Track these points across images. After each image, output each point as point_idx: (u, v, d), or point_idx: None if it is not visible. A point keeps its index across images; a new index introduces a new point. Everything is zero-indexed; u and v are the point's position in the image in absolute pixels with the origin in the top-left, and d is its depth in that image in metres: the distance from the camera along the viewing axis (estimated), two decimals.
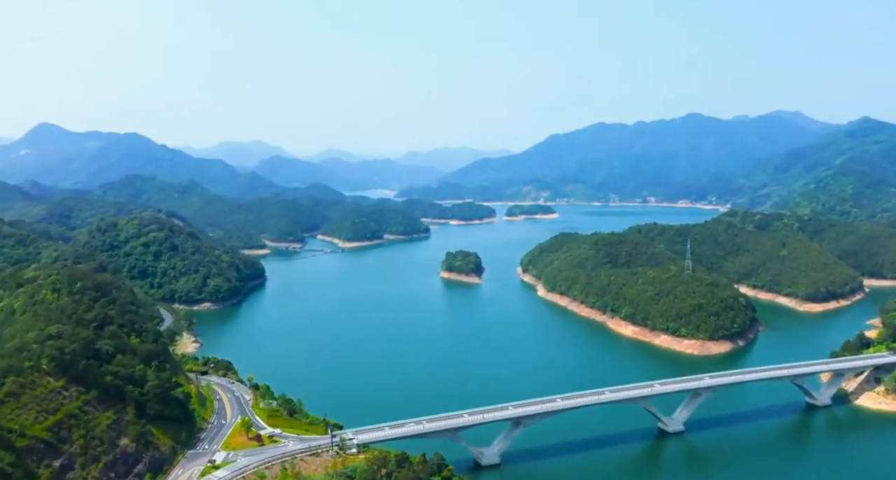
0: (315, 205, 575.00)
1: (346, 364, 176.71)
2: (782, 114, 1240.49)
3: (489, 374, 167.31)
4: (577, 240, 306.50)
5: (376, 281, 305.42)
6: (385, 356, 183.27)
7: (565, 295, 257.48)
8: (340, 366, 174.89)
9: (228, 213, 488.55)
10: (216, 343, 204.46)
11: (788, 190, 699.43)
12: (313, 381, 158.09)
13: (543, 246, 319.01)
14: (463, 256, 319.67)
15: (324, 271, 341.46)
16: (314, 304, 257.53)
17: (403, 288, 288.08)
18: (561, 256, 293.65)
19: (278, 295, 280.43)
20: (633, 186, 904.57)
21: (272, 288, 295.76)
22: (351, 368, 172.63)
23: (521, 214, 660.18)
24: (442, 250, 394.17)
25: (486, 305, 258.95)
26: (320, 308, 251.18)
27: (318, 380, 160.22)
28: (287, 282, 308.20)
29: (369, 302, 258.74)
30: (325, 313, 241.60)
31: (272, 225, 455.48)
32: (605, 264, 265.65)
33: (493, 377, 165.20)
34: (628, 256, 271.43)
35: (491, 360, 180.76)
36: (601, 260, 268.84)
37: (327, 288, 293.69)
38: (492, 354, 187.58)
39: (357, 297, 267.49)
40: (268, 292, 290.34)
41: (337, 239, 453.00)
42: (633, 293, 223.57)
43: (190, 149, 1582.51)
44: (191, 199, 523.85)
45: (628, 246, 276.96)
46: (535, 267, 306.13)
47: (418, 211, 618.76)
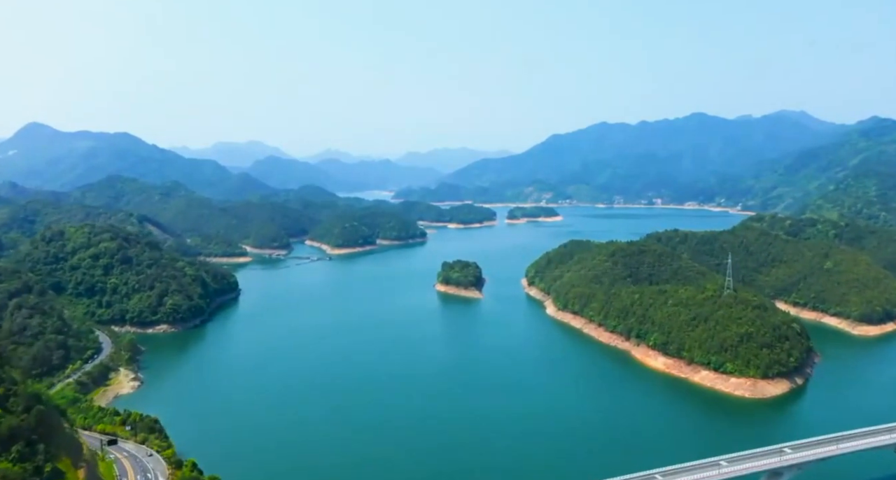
0: (305, 207, 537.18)
1: (315, 424, 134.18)
2: (787, 114, 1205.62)
3: (492, 434, 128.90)
4: (591, 250, 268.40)
5: (363, 296, 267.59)
6: (368, 409, 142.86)
7: (580, 316, 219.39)
8: (309, 426, 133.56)
9: (211, 217, 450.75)
10: (161, 381, 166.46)
11: (802, 191, 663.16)
12: (269, 451, 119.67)
13: (552, 256, 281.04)
14: (461, 267, 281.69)
15: (306, 283, 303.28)
16: (288, 327, 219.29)
17: (393, 306, 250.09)
18: (573, 268, 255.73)
19: (250, 315, 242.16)
20: (638, 187, 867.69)
21: (245, 306, 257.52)
22: (322, 430, 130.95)
23: (523, 217, 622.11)
24: (439, 257, 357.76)
25: (488, 327, 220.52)
26: (295, 332, 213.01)
27: (277, 449, 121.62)
28: (263, 297, 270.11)
29: (352, 325, 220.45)
30: (300, 340, 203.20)
31: (256, 230, 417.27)
32: (625, 279, 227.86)
33: (497, 436, 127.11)
34: (651, 269, 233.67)
35: (495, 409, 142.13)
36: (620, 273, 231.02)
37: (306, 305, 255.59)
38: (497, 398, 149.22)
39: (338, 319, 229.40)
40: (239, 310, 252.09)
41: (325, 245, 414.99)
42: (662, 316, 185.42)
43: (186, 150, 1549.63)
44: (173, 202, 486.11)
45: (650, 258, 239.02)
46: (542, 279, 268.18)
47: (415, 214, 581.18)
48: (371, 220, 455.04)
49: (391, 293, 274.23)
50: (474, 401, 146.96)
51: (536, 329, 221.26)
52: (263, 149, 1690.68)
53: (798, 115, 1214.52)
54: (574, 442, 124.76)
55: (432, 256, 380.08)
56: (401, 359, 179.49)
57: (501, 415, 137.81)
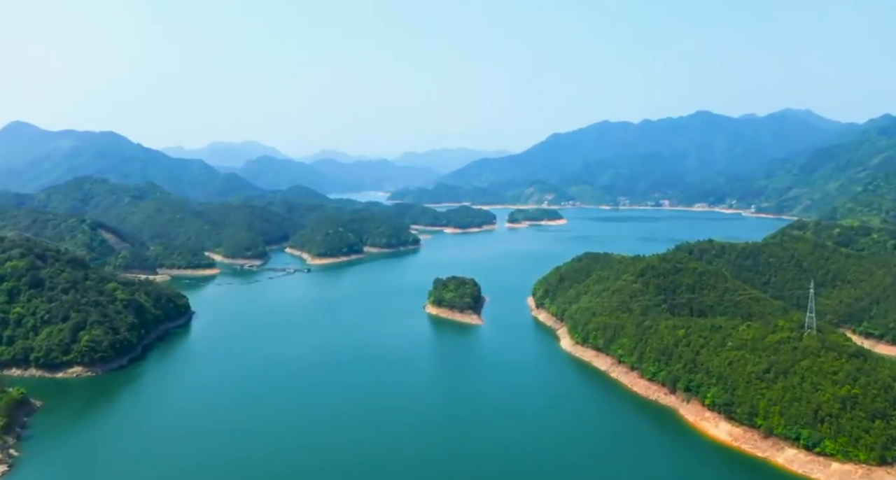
0: (290, 210, 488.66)
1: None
2: (792, 113, 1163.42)
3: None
4: (612, 266, 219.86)
5: (339, 321, 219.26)
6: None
7: (605, 353, 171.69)
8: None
9: (182, 222, 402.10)
10: (50, 455, 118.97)
11: (820, 192, 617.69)
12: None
13: (564, 272, 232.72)
14: (456, 285, 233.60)
15: (275, 302, 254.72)
16: (242, 367, 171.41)
17: (375, 335, 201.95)
18: (591, 288, 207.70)
19: (199, 348, 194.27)
20: (643, 188, 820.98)
21: (197, 334, 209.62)
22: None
23: (525, 220, 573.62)
24: (432, 269, 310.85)
25: (489, 370, 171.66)
26: (249, 375, 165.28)
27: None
28: (221, 322, 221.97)
29: (320, 365, 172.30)
30: (254, 388, 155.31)
31: (229, 237, 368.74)
32: (660, 305, 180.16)
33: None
34: (691, 292, 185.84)
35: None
36: (653, 298, 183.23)
37: (269, 332, 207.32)
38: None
39: (304, 356, 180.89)
40: (188, 341, 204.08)
41: (306, 253, 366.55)
42: (721, 364, 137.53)
43: (180, 150, 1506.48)
44: (143, 205, 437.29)
45: (689, 278, 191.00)
46: (553, 301, 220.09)
47: (408, 217, 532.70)
48: (358, 225, 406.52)
49: (373, 316, 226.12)
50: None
51: (550, 371, 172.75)
52: (259, 148, 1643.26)
53: (804, 114, 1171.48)
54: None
55: (425, 267, 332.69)
56: (380, 430, 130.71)
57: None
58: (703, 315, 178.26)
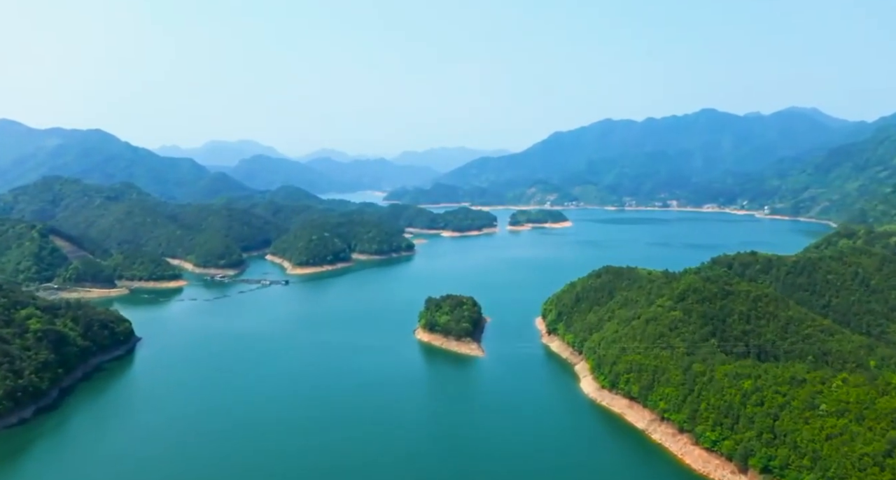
0: (275, 213, 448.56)
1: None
2: (799, 111, 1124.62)
3: None
4: (641, 284, 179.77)
5: (307, 357, 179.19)
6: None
7: (641, 404, 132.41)
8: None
9: (153, 227, 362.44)
10: None
11: (839, 193, 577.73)
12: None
13: (581, 291, 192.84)
14: (452, 305, 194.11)
15: (240, 325, 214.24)
16: (182, 420, 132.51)
17: (353, 371, 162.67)
18: (617, 313, 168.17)
19: (131, 393, 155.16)
20: (649, 188, 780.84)
21: (136, 371, 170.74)
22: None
23: (528, 223, 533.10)
24: (426, 280, 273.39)
25: (493, 421, 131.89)
26: (189, 431, 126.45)
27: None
28: (168, 354, 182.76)
29: (281, 423, 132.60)
30: (194, 453, 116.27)
31: (201, 243, 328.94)
32: (709, 339, 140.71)
33: None
34: (746, 322, 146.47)
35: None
36: (699, 329, 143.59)
37: (226, 369, 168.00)
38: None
39: (260, 408, 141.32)
40: (126, 378, 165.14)
41: (287, 261, 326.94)
42: (814, 437, 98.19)
43: (176, 149, 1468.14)
44: (114, 208, 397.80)
45: (741, 303, 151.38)
46: (569, 326, 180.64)
47: (403, 219, 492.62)
48: (347, 230, 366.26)
49: (352, 347, 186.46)
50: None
51: (569, 425, 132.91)
52: (256, 147, 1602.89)
53: (810, 112, 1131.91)
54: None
55: (417, 278, 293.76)
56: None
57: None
58: (764, 354, 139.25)
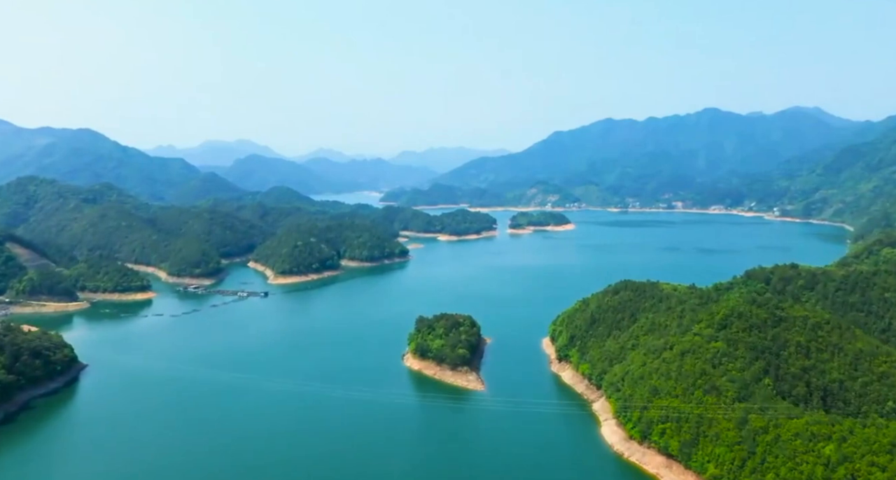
0: (262, 215, 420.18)
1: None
2: (802, 111, 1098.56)
3: None
4: (669, 305, 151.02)
5: (275, 394, 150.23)
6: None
7: (682, 464, 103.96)
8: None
9: (128, 231, 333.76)
10: None
11: (853, 194, 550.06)
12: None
13: (596, 311, 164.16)
14: (446, 326, 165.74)
15: (203, 348, 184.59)
16: None
17: (324, 418, 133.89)
18: (642, 341, 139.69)
19: (61, 441, 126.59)
20: (652, 189, 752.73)
21: (73, 408, 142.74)
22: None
23: (529, 225, 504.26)
24: (419, 290, 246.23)
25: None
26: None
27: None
28: (113, 387, 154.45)
29: None
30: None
31: (177, 250, 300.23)
32: (761, 378, 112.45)
33: None
34: (805, 356, 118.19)
35: None
36: (748, 365, 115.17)
37: (178, 405, 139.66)
38: None
39: (216, 462, 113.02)
40: (54, 421, 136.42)
41: (270, 269, 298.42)
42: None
43: (172, 149, 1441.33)
44: (87, 211, 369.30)
45: (798, 332, 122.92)
46: (584, 354, 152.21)
47: (398, 222, 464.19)
48: (336, 234, 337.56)
49: (331, 373, 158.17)
50: None
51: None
52: (253, 148, 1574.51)
53: (814, 111, 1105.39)
54: None
55: (410, 289, 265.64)
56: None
57: None
58: (830, 397, 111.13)
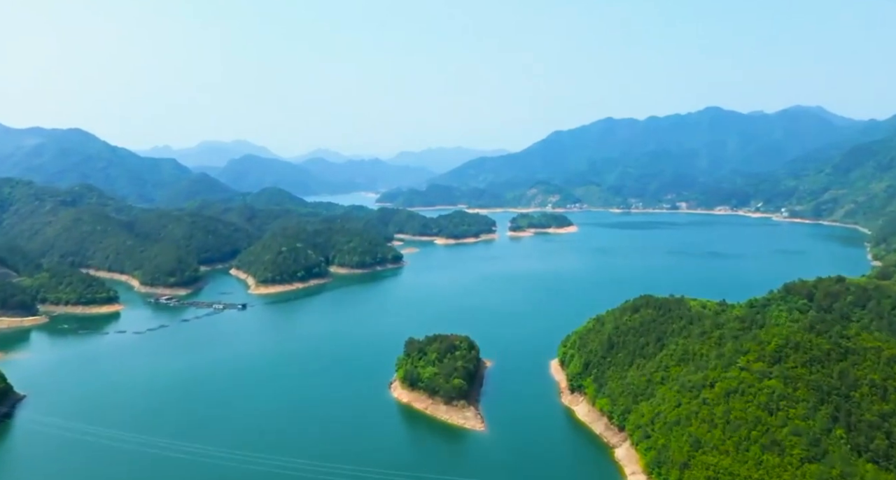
0: (249, 218, 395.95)
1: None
2: (804, 110, 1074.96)
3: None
4: (700, 327, 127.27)
5: (244, 425, 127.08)
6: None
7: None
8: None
9: (103, 236, 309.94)
10: None
11: (865, 194, 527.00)
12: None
13: (614, 334, 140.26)
14: (440, 350, 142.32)
15: (163, 373, 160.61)
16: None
17: (296, 462, 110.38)
18: (673, 373, 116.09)
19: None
20: (655, 189, 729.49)
21: (12, 444, 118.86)
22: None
23: (529, 228, 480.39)
24: (412, 302, 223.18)
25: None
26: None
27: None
28: (51, 424, 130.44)
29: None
30: None
31: (151, 257, 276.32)
32: (831, 428, 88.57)
33: None
34: (882, 399, 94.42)
35: None
36: (813, 410, 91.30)
37: (121, 448, 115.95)
38: None
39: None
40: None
41: (252, 277, 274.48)
42: None
43: (169, 150, 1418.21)
44: (62, 214, 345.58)
45: (869, 368, 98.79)
46: (601, 385, 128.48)
47: (393, 225, 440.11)
48: (325, 239, 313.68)
49: (304, 409, 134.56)
50: None
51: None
52: (250, 148, 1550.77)
53: (816, 110, 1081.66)
54: None
55: (403, 300, 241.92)
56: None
57: None
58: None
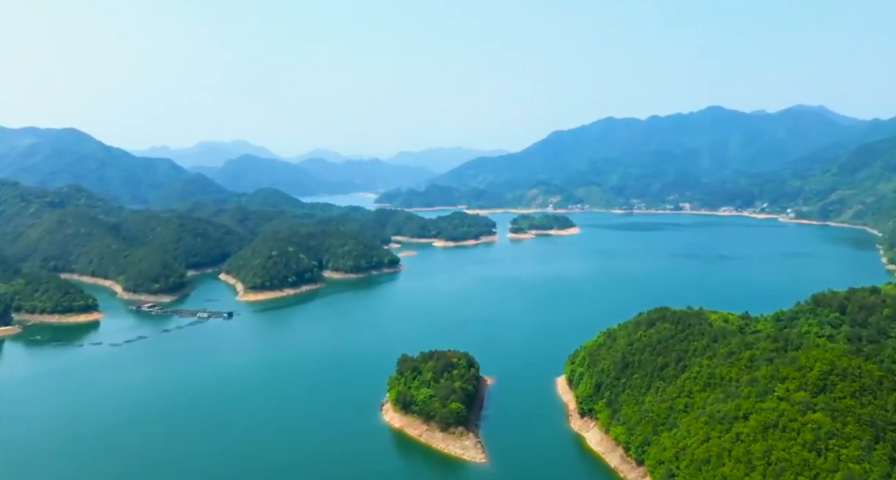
0: (242, 220, 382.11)
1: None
2: (806, 109, 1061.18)
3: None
4: (726, 346, 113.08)
5: (217, 455, 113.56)
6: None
7: None
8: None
9: (87, 239, 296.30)
10: None
11: (874, 195, 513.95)
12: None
13: (628, 352, 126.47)
14: (436, 369, 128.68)
15: (134, 392, 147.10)
16: None
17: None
18: (697, 398, 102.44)
19: None
20: (657, 189, 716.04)
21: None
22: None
23: (531, 229, 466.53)
24: (408, 310, 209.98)
25: None
26: None
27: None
28: (12, 448, 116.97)
29: None
30: None
31: (135, 262, 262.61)
32: (890, 472, 75.10)
33: None
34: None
35: None
36: (867, 450, 77.61)
37: None
38: None
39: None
40: None
41: (241, 283, 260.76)
42: None
43: (167, 150, 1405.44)
44: (46, 216, 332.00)
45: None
46: (615, 409, 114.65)
47: (390, 226, 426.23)
48: (318, 242, 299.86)
49: (288, 432, 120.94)
50: None
51: None
52: (248, 148, 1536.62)
53: (818, 109, 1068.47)
54: None
55: (398, 308, 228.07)
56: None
57: None
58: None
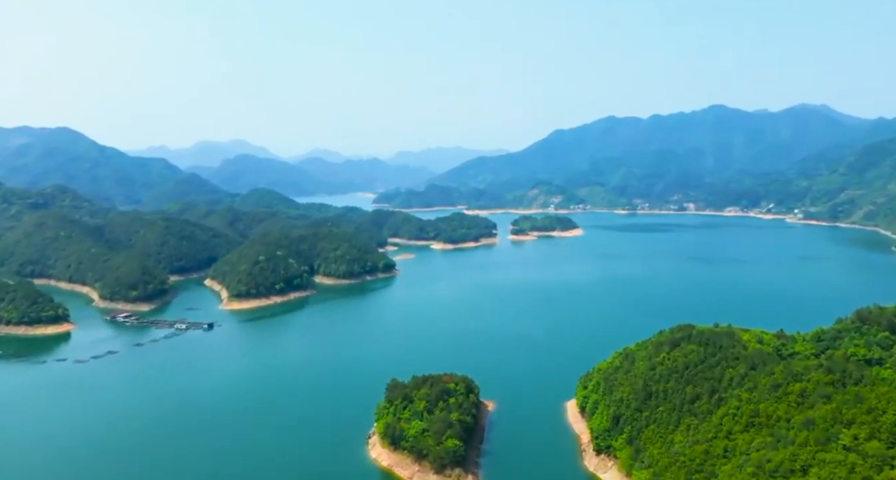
0: (233, 222, 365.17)
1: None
2: (810, 108, 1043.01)
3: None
4: (766, 376, 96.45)
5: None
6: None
7: None
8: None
9: (67, 243, 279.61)
10: None
11: (883, 195, 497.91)
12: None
13: (650, 379, 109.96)
14: (430, 397, 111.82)
15: (94, 421, 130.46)
16: None
17: None
18: (739, 440, 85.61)
19: None
20: (660, 189, 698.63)
21: None
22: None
23: (532, 230, 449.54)
24: (402, 322, 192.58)
25: None
26: None
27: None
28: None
29: None
30: None
31: (113, 268, 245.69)
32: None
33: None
34: None
35: None
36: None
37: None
38: None
39: None
40: None
41: (226, 289, 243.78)
42: None
43: (165, 150, 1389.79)
44: (26, 219, 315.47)
45: None
46: (638, 449, 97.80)
47: (387, 228, 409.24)
48: (310, 245, 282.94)
49: (259, 472, 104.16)
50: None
51: None
52: (247, 148, 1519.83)
53: (821, 108, 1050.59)
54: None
55: (392, 319, 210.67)
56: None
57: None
58: None
